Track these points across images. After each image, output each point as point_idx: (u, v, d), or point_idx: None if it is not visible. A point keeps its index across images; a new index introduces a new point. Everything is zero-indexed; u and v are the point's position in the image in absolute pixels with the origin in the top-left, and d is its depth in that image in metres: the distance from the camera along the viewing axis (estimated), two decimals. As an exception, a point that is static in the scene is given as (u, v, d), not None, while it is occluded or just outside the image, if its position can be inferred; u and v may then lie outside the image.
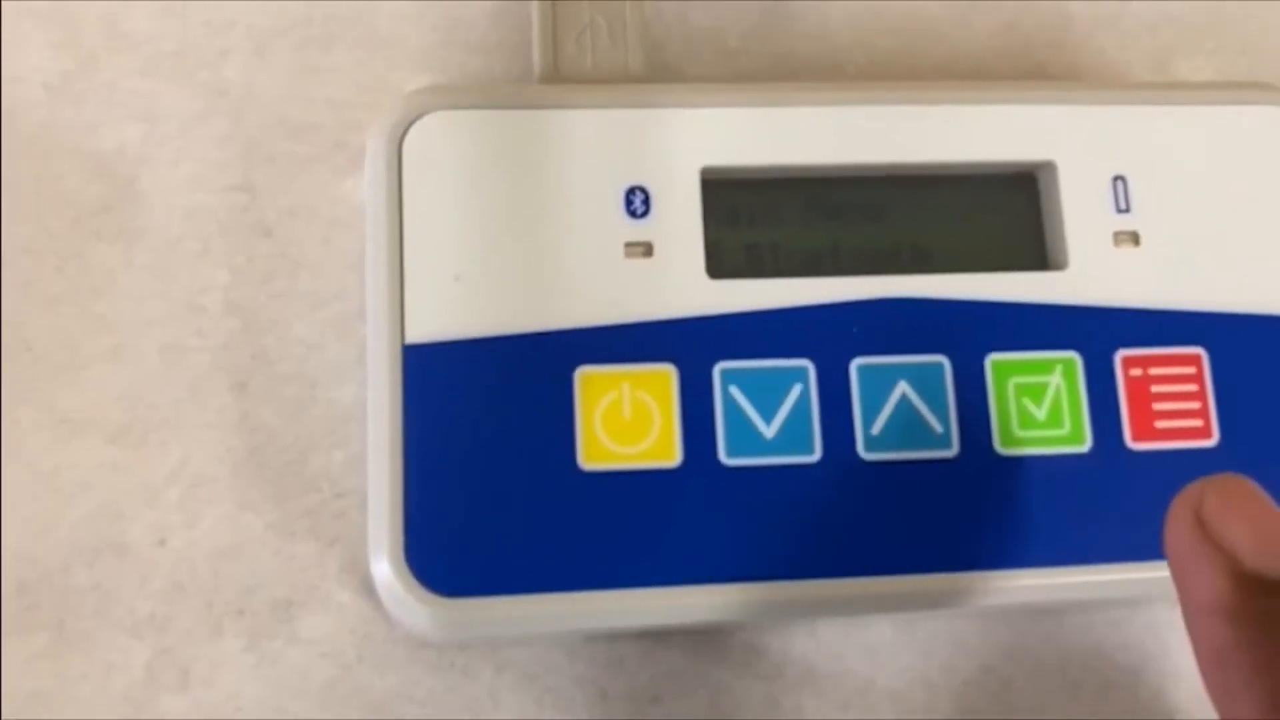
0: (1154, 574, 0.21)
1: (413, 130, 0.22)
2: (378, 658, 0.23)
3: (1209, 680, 0.17)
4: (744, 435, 0.21)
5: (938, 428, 0.22)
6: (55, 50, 0.25)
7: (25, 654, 0.23)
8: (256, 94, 0.25)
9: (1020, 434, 0.22)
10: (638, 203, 0.22)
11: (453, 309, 0.21)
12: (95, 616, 0.23)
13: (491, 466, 0.21)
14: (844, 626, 0.24)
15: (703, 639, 0.24)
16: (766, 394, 0.21)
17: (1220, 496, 0.17)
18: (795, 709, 0.24)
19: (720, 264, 0.22)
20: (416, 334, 0.21)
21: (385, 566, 0.20)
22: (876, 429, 0.22)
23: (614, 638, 0.24)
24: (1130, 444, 0.22)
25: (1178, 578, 0.17)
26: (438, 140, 0.22)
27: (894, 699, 0.24)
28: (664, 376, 0.21)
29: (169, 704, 0.23)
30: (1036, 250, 0.23)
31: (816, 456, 0.21)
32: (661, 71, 0.26)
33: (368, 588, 0.23)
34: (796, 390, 0.22)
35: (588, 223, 0.22)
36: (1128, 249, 0.23)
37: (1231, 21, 0.29)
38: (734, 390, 0.21)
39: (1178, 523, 0.17)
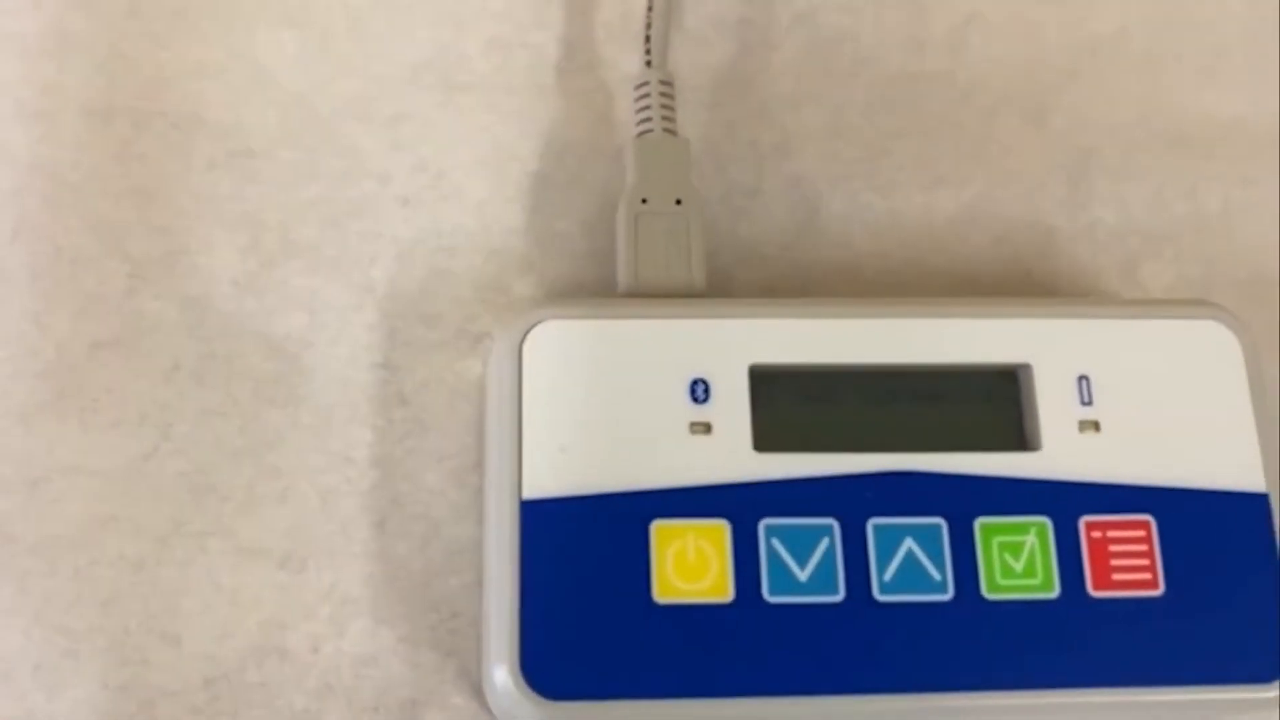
0: (1108, 700, 0.27)
1: (530, 333, 0.28)
2: (485, 751, 0.29)
3: None
4: (783, 578, 0.27)
5: (936, 576, 0.27)
6: (241, 253, 0.32)
7: (208, 737, 0.28)
8: (397, 291, 0.32)
9: (1002, 582, 0.27)
10: (700, 391, 0.28)
11: (558, 473, 0.27)
12: (263, 708, 0.29)
13: (585, 596, 0.27)
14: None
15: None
16: (801, 545, 0.27)
17: None
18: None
19: (765, 441, 0.28)
20: (530, 492, 0.27)
21: (504, 674, 0.26)
22: (888, 576, 0.27)
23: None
24: (1091, 592, 0.28)
25: None
26: (548, 341, 0.28)
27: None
28: (719, 529, 0.27)
29: (317, 784, 0.28)
30: (1016, 434, 0.29)
31: (840, 597, 0.27)
32: (715, 275, 0.33)
33: (476, 693, 0.29)
34: (825, 543, 0.27)
35: (661, 406, 0.28)
36: (1090, 435, 0.29)
37: (1189, 233, 0.35)
38: (775, 542, 0.27)
39: None
